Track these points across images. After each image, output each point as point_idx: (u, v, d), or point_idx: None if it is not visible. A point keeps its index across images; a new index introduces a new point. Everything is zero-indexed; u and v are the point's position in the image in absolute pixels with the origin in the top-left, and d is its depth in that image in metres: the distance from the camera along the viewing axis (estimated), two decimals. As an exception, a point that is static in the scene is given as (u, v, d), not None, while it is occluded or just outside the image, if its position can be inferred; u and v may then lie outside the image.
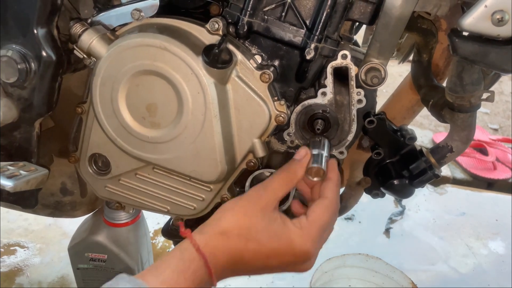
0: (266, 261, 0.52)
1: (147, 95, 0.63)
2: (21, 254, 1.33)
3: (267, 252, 0.51)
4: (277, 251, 0.51)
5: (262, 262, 0.52)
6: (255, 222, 0.52)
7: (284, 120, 0.64)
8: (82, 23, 0.63)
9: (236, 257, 0.51)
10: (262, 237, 0.51)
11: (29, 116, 0.66)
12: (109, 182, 0.72)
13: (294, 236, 0.51)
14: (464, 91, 0.63)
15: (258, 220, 0.52)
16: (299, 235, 0.51)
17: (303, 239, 0.51)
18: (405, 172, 0.73)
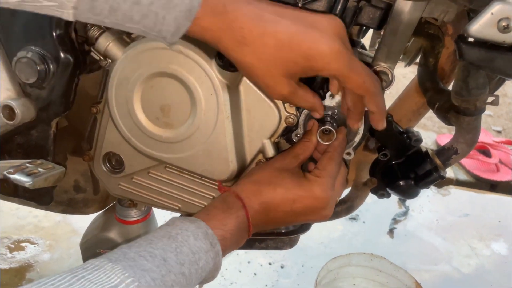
0: (292, 205, 0.59)
1: (161, 96, 0.64)
2: (31, 250, 1.35)
3: (293, 196, 0.59)
4: (301, 196, 0.59)
5: (289, 206, 0.59)
6: (281, 173, 0.60)
7: (293, 122, 0.66)
8: (99, 26, 0.65)
9: (267, 201, 0.59)
10: (288, 184, 0.59)
11: (47, 115, 0.68)
12: (122, 180, 0.74)
13: (313, 183, 0.60)
14: (470, 95, 0.64)
15: (284, 172, 0.60)
16: (316, 182, 0.60)
17: (320, 185, 0.60)
18: (411, 173, 0.75)
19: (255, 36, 0.49)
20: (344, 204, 0.83)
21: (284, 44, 0.49)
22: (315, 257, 1.39)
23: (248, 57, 0.51)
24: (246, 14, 0.48)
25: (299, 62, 0.51)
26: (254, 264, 1.37)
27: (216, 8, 0.47)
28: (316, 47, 0.50)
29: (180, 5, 0.45)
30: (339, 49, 0.51)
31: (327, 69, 0.51)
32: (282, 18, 0.50)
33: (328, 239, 1.49)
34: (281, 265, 1.37)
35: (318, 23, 0.51)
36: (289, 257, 1.40)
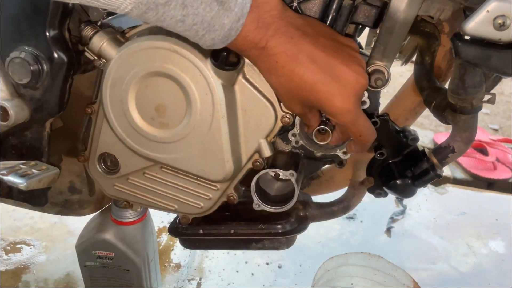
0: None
1: (156, 96, 0.64)
2: (27, 252, 1.35)
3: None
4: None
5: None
6: None
7: (289, 121, 0.65)
8: (93, 26, 0.65)
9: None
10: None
11: (41, 116, 0.68)
12: (118, 181, 0.73)
13: None
14: (466, 93, 0.64)
15: None
16: None
17: None
18: (408, 172, 0.74)
19: (285, 72, 0.54)
20: (341, 204, 0.82)
21: (306, 87, 0.55)
22: (312, 256, 1.39)
23: (273, 82, 0.57)
24: (284, 52, 0.53)
25: (313, 103, 0.57)
26: (252, 264, 1.37)
27: (259, 43, 0.52)
28: (331, 100, 0.55)
29: (219, 31, 0.50)
30: (349, 108, 0.56)
31: (334, 118, 0.57)
32: (313, 63, 0.54)
33: (325, 238, 1.49)
34: (279, 265, 1.37)
35: (343, 77, 0.55)
36: (287, 257, 1.39)
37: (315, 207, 0.80)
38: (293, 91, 0.56)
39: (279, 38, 0.52)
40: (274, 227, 0.75)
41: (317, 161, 0.76)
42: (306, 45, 0.54)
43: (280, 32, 0.52)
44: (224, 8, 0.49)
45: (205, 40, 0.51)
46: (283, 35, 0.52)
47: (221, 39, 0.51)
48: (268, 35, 0.52)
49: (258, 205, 0.71)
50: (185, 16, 0.48)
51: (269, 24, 0.52)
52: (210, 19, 0.49)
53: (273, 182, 0.75)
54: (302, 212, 0.79)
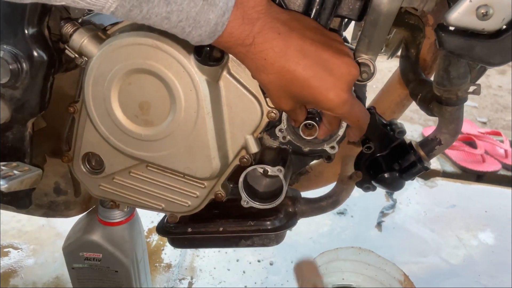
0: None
1: (139, 94, 0.63)
2: (15, 256, 1.33)
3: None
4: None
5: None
6: None
7: (276, 116, 0.65)
8: (73, 23, 0.63)
9: None
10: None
11: (22, 116, 0.66)
12: (103, 181, 0.72)
13: None
14: (451, 84, 0.64)
15: None
16: None
17: None
18: (395, 165, 0.74)
19: (275, 69, 0.53)
20: (330, 199, 0.82)
21: (298, 83, 0.54)
22: (304, 252, 1.39)
23: (263, 80, 0.55)
24: (272, 48, 0.52)
25: (307, 99, 0.56)
26: (243, 262, 1.36)
27: (246, 40, 0.51)
28: (326, 94, 0.54)
29: (205, 26, 0.50)
30: (345, 99, 0.55)
31: (330, 111, 0.57)
32: (304, 57, 0.53)
33: (316, 234, 1.49)
34: (270, 262, 1.37)
35: (336, 69, 0.54)
36: (278, 254, 1.39)
37: (304, 203, 0.80)
38: (284, 88, 0.55)
39: (266, 34, 0.51)
40: (263, 223, 0.75)
41: (305, 156, 0.75)
42: (295, 39, 0.53)
43: (267, 28, 0.51)
44: (209, 3, 0.48)
45: (193, 37, 0.51)
46: (269, 31, 0.52)
47: (208, 35, 0.51)
48: (255, 31, 0.51)
49: (246, 202, 0.70)
50: (170, 13, 0.48)
51: (254, 20, 0.51)
52: (195, 14, 0.49)
53: (261, 179, 0.75)
54: (291, 208, 0.79)
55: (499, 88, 2.93)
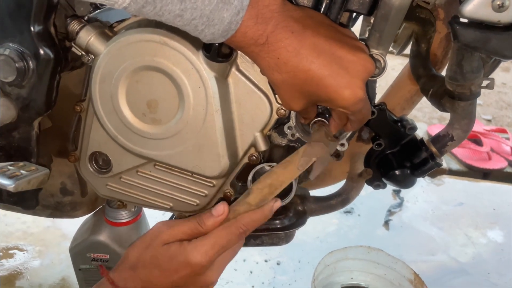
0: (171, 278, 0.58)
1: (147, 91, 0.62)
2: (20, 257, 1.32)
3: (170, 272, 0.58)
4: (177, 268, 0.57)
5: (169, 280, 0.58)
6: (155, 253, 0.58)
7: (285, 113, 0.64)
8: (79, 20, 0.63)
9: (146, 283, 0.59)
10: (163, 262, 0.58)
11: (28, 115, 0.65)
12: (110, 181, 0.71)
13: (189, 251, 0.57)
14: (464, 79, 0.63)
15: (158, 251, 0.58)
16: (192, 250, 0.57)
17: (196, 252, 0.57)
18: (407, 162, 0.73)
19: (288, 68, 0.52)
20: (340, 197, 0.81)
21: (313, 82, 0.53)
22: (311, 252, 1.38)
23: (276, 79, 0.54)
24: (285, 47, 0.51)
25: (322, 97, 0.54)
26: (250, 262, 1.35)
27: (259, 40, 0.51)
28: (341, 93, 0.53)
29: (219, 25, 0.49)
30: (361, 97, 0.54)
31: (344, 109, 0.55)
32: (318, 56, 0.52)
33: (323, 233, 1.48)
34: (277, 262, 1.36)
35: (351, 67, 0.53)
36: (285, 253, 1.38)
37: (313, 201, 0.80)
38: (297, 88, 0.54)
39: (279, 33, 0.51)
40: (272, 222, 0.75)
41: (314, 154, 0.74)
42: (308, 38, 0.52)
43: (280, 27, 0.51)
44: (223, 2, 0.47)
45: (205, 35, 0.50)
46: (283, 30, 0.51)
47: (221, 34, 0.50)
48: (268, 30, 0.50)
49: (255, 200, 0.69)
50: (183, 10, 0.47)
51: (268, 19, 0.50)
52: (209, 12, 0.48)
53: (270, 177, 0.74)
54: (300, 207, 0.78)
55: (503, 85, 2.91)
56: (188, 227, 0.60)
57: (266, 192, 0.60)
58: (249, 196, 0.60)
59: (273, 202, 0.60)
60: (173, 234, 0.59)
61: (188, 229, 0.60)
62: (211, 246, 0.57)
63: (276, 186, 0.60)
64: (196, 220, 0.60)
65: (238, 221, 0.59)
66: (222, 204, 0.60)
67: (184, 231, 0.60)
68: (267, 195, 0.60)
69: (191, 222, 0.60)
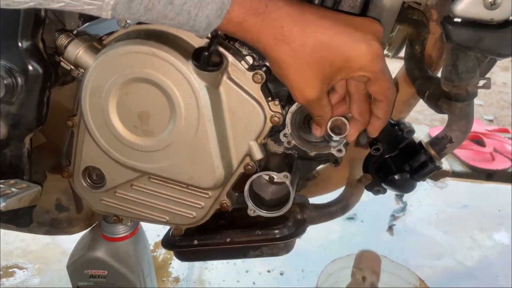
0: None
1: (138, 103, 0.61)
2: (20, 276, 1.31)
3: None
4: None
5: None
6: None
7: (279, 121, 0.63)
8: (67, 34, 0.62)
9: None
10: None
11: (19, 132, 0.65)
12: (105, 195, 0.70)
13: None
14: (460, 79, 0.62)
15: None
16: None
17: None
18: (406, 166, 0.72)
19: (295, 35, 0.49)
20: (339, 204, 0.80)
21: (324, 44, 0.49)
22: (315, 260, 1.36)
23: (284, 55, 0.50)
24: (287, 13, 0.49)
25: (337, 63, 0.50)
26: (253, 273, 1.33)
27: (258, 8, 0.48)
28: (357, 48, 0.49)
29: (211, 3, 0.47)
30: (378, 52, 0.50)
31: (363, 70, 0.51)
32: (323, 19, 0.50)
33: (326, 241, 1.46)
34: (281, 272, 1.34)
35: (359, 25, 0.51)
36: (288, 263, 1.36)
37: (313, 209, 0.78)
38: (308, 59, 0.50)
39: (278, 1, 0.49)
40: (271, 232, 0.73)
41: (311, 161, 0.73)
42: (309, 6, 0.51)
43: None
44: None
45: (200, 21, 0.48)
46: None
47: (215, 13, 0.47)
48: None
49: (253, 210, 0.68)
50: None
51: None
52: None
53: (267, 186, 0.73)
54: (299, 215, 0.77)
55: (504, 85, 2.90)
56: None
57: None
58: None
59: None
60: None
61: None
62: None
63: None
64: None
65: None
66: None
67: None
68: None
69: None
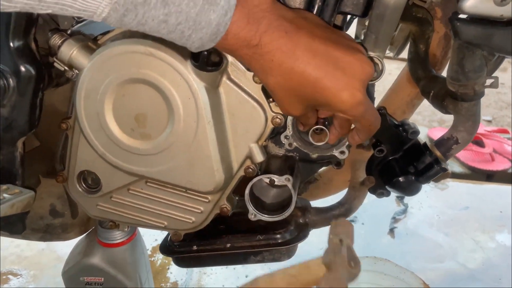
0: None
1: (135, 105, 0.59)
2: (15, 283, 1.28)
3: None
4: None
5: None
6: None
7: (281, 122, 0.61)
8: (61, 34, 0.60)
9: None
10: None
11: (11, 135, 0.63)
12: (101, 200, 0.69)
13: None
14: (467, 78, 0.60)
15: None
16: None
17: None
18: (411, 168, 0.71)
19: (283, 71, 0.50)
20: (342, 207, 0.78)
21: (309, 83, 0.51)
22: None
23: (271, 85, 0.52)
24: (279, 47, 0.49)
25: (319, 101, 0.52)
26: (253, 278, 1.31)
27: (252, 41, 0.48)
28: (339, 96, 0.51)
29: (206, 28, 0.47)
30: (360, 100, 0.51)
31: (344, 114, 0.53)
32: (314, 56, 0.50)
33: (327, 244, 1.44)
34: (281, 277, 1.32)
35: (348, 68, 0.51)
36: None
37: (315, 213, 0.77)
38: (293, 91, 0.52)
39: (272, 33, 0.48)
40: (272, 237, 0.72)
41: (313, 163, 0.72)
42: (303, 38, 0.50)
43: (273, 26, 0.49)
44: (209, 3, 0.45)
45: (193, 41, 0.48)
46: (276, 29, 0.49)
47: (209, 37, 0.47)
48: (261, 31, 0.48)
49: (254, 215, 0.67)
50: (168, 15, 0.45)
51: (260, 19, 0.48)
52: (195, 15, 0.45)
53: (268, 189, 0.72)
54: (301, 219, 0.76)
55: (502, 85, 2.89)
56: None
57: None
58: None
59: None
60: None
61: None
62: None
63: None
64: None
65: None
66: None
67: None
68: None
69: None
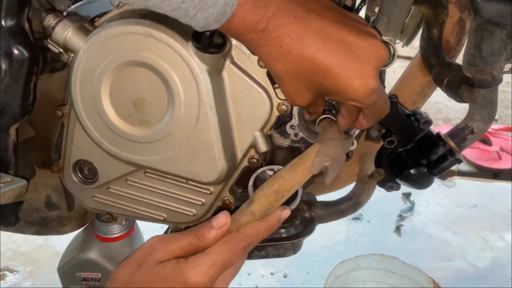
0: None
1: (133, 90, 0.57)
2: (11, 279, 1.26)
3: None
4: None
5: None
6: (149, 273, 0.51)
7: (287, 109, 0.58)
8: (56, 14, 0.57)
9: None
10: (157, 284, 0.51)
11: (3, 122, 0.60)
12: (97, 191, 0.66)
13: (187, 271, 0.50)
14: (485, 63, 0.57)
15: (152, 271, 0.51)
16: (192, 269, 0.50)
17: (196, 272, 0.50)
18: (422, 160, 0.67)
19: (292, 57, 0.48)
20: (350, 201, 0.75)
21: (319, 71, 0.48)
22: (319, 262, 1.32)
23: (278, 72, 0.50)
24: (288, 33, 0.47)
25: (330, 89, 0.50)
26: (255, 276, 1.29)
27: (258, 25, 0.46)
28: (351, 84, 0.48)
29: (212, 8, 0.44)
30: (374, 87, 0.49)
31: (356, 102, 0.50)
32: (325, 42, 0.47)
33: (332, 242, 1.42)
34: (284, 274, 1.30)
35: (362, 54, 0.48)
36: (292, 265, 1.33)
37: (322, 207, 0.74)
38: (302, 79, 0.49)
39: (280, 18, 0.46)
40: (277, 231, 0.69)
41: (320, 154, 0.68)
42: (313, 22, 0.47)
43: (282, 11, 0.46)
44: None
45: (197, 21, 0.45)
46: (285, 13, 0.46)
47: (215, 18, 0.45)
48: (268, 15, 0.45)
49: (257, 208, 0.63)
50: None
51: (268, 2, 0.46)
52: None
53: (273, 181, 0.68)
54: (307, 213, 0.73)
55: (507, 84, 2.87)
56: (185, 241, 0.52)
57: (272, 199, 0.53)
58: (252, 204, 0.53)
59: (281, 210, 0.53)
60: (168, 251, 0.52)
61: (185, 244, 0.52)
62: (211, 263, 0.50)
63: (283, 192, 0.53)
64: (194, 233, 0.52)
65: (241, 233, 0.52)
66: (223, 214, 0.52)
67: (180, 247, 0.52)
68: (273, 203, 0.53)
69: (189, 236, 0.52)
